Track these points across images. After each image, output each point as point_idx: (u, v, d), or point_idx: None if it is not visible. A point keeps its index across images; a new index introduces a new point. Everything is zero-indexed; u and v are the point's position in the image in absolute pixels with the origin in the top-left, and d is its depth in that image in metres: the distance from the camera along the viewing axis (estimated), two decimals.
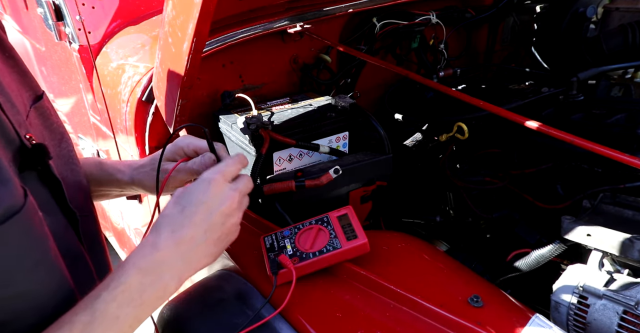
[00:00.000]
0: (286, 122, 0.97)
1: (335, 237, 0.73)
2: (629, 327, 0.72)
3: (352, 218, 0.75)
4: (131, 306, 0.49)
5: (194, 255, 0.56)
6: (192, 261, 0.56)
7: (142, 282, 0.51)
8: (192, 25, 0.60)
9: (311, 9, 1.14)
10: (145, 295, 0.51)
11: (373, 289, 0.71)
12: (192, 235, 0.56)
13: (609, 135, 0.94)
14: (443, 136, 1.18)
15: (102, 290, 0.48)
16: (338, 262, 0.72)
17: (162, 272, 0.53)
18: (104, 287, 0.49)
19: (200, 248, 0.57)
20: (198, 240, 0.56)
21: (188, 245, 0.55)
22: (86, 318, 0.46)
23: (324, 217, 0.77)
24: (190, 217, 0.56)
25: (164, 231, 0.55)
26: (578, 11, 1.30)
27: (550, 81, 1.26)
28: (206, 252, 0.58)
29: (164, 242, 0.54)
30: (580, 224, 0.81)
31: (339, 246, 0.71)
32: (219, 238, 0.59)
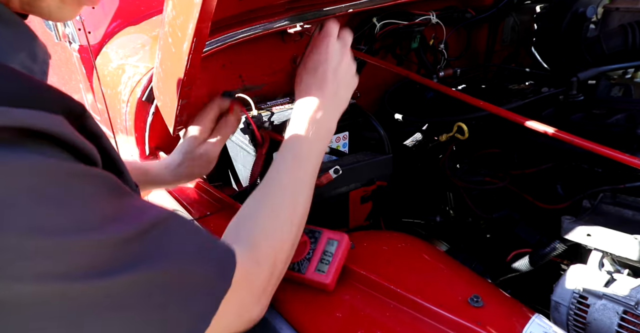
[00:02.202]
0: (286, 122, 0.98)
1: (308, 260, 0.69)
2: (629, 327, 0.72)
3: (338, 249, 0.69)
4: (315, 142, 0.67)
5: (338, 101, 0.72)
6: (339, 106, 0.72)
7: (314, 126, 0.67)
8: (192, 26, 0.60)
9: (311, 9, 1.14)
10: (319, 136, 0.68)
11: (373, 289, 0.71)
12: (331, 88, 0.70)
13: (609, 135, 0.94)
14: (443, 136, 1.18)
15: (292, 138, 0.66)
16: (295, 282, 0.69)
17: (322, 120, 0.68)
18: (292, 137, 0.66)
19: (339, 97, 0.72)
20: (336, 91, 0.71)
21: (332, 95, 0.70)
22: (291, 154, 0.64)
23: (317, 232, 0.72)
24: (323, 75, 0.70)
25: (313, 87, 0.70)
26: (578, 11, 1.30)
27: (550, 81, 1.26)
28: (343, 98, 0.73)
29: (318, 98, 0.69)
30: (580, 224, 0.81)
31: (302, 271, 0.68)
32: (347, 87, 0.74)
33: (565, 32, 1.32)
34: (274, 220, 0.59)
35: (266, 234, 0.58)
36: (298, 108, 0.70)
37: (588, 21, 1.31)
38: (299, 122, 0.68)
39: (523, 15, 1.56)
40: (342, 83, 0.73)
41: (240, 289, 0.49)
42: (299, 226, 0.63)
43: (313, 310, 0.67)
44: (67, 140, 0.36)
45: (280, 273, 0.59)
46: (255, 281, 0.53)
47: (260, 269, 0.54)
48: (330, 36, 0.73)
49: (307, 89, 0.71)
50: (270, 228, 0.59)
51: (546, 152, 1.05)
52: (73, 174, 0.35)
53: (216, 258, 0.47)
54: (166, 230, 0.42)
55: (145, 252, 0.39)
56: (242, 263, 0.49)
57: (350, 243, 0.72)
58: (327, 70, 0.71)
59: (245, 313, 0.52)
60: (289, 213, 0.61)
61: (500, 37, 1.63)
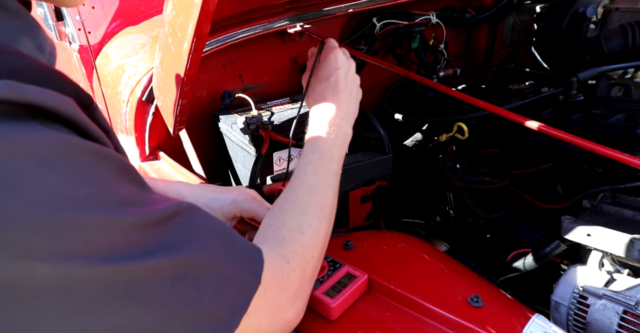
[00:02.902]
0: (286, 122, 0.97)
1: (320, 282, 0.68)
2: (629, 327, 0.72)
3: (353, 284, 0.67)
4: (336, 145, 0.68)
5: (351, 107, 0.74)
6: (353, 112, 0.74)
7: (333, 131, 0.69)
8: (192, 26, 0.60)
9: (311, 9, 1.14)
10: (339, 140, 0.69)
11: (373, 289, 0.71)
12: (345, 94, 0.73)
13: (608, 135, 0.94)
14: (443, 136, 1.18)
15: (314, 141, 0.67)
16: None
17: (340, 125, 0.70)
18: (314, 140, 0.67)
19: (351, 103, 0.74)
20: (349, 98, 0.73)
21: (346, 101, 0.72)
22: (315, 155, 0.65)
23: (339, 264, 0.71)
24: (336, 84, 0.73)
25: (328, 95, 0.72)
26: (578, 11, 1.30)
27: (550, 81, 1.26)
28: (354, 106, 0.75)
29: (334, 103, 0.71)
30: (580, 224, 0.81)
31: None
32: (357, 95, 0.77)
33: (565, 32, 1.33)
34: (301, 218, 0.58)
35: (293, 232, 0.56)
36: (316, 114, 0.71)
37: (588, 21, 1.31)
38: (319, 126, 0.69)
39: (523, 15, 1.56)
40: (354, 90, 0.76)
41: (271, 288, 0.47)
42: (328, 223, 0.62)
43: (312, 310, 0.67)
44: (78, 122, 0.33)
45: (313, 272, 0.57)
46: (287, 279, 0.51)
47: (290, 267, 0.52)
48: (336, 48, 0.77)
49: (321, 96, 0.73)
50: (298, 226, 0.57)
51: (546, 152, 1.05)
52: (88, 151, 0.33)
53: (243, 253, 0.45)
54: (189, 220, 0.40)
55: (168, 239, 0.36)
56: (270, 261, 0.48)
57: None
58: (340, 78, 0.73)
59: (278, 314, 0.49)
60: (317, 210, 0.60)
61: (500, 37, 1.63)
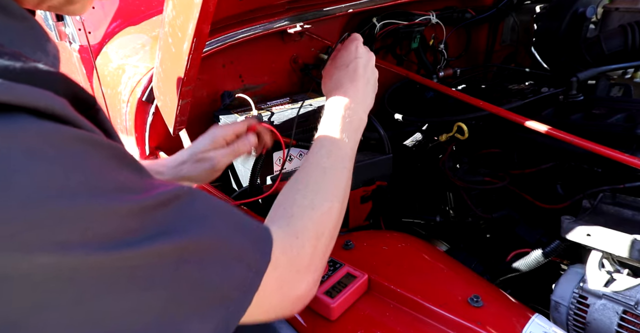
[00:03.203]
0: (286, 122, 0.98)
1: (321, 282, 0.67)
2: (628, 327, 0.72)
3: (353, 284, 0.68)
4: (350, 130, 0.69)
5: (367, 96, 0.75)
6: (369, 100, 0.75)
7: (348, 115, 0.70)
8: (192, 26, 0.60)
9: (311, 9, 1.14)
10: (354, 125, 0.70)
11: (373, 289, 0.71)
12: (362, 82, 0.74)
13: (608, 135, 0.94)
14: (443, 136, 1.18)
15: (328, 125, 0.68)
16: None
17: (356, 110, 0.71)
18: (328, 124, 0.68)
19: (368, 92, 0.75)
20: (366, 86, 0.74)
21: (363, 88, 0.73)
22: (329, 139, 0.66)
23: (339, 264, 0.72)
24: (354, 71, 0.74)
25: (345, 81, 0.73)
26: (578, 11, 1.30)
27: (550, 81, 1.26)
28: (371, 96, 0.76)
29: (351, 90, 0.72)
30: (580, 224, 0.81)
31: None
32: (374, 87, 0.77)
33: (565, 32, 1.33)
34: (313, 196, 0.58)
35: (304, 208, 0.56)
36: (332, 99, 0.72)
37: (588, 21, 1.31)
38: (334, 111, 0.70)
39: (523, 16, 1.56)
40: (371, 80, 0.76)
41: (281, 264, 0.47)
42: (342, 204, 0.62)
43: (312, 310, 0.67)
44: (71, 120, 0.33)
45: (325, 249, 0.57)
46: (296, 256, 0.50)
47: (299, 242, 0.52)
48: (358, 40, 0.79)
49: (338, 83, 0.74)
50: (309, 203, 0.57)
51: (546, 152, 1.05)
52: (79, 138, 0.33)
53: (250, 232, 0.44)
54: (190, 202, 0.39)
55: (170, 223, 0.36)
56: (279, 238, 0.48)
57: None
58: (358, 66, 0.74)
59: (289, 290, 0.49)
60: (330, 190, 0.60)
61: (500, 37, 1.63)
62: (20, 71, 0.31)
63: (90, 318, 0.32)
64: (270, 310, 0.49)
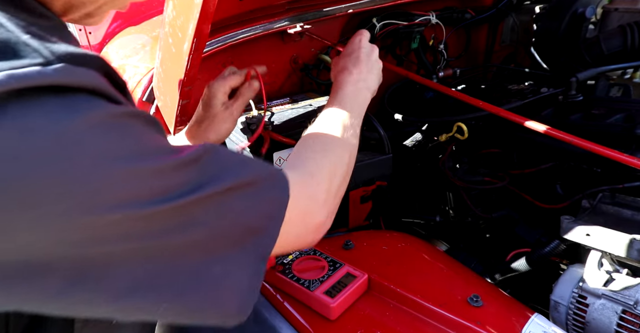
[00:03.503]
0: (286, 122, 0.98)
1: (320, 282, 0.68)
2: (628, 327, 0.72)
3: (353, 284, 0.69)
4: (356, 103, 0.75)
5: (371, 78, 0.81)
6: (372, 82, 0.81)
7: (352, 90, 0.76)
8: (193, 26, 0.60)
9: (311, 10, 1.14)
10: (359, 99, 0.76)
11: (373, 289, 0.71)
12: (365, 66, 0.80)
13: (607, 135, 0.94)
14: (443, 136, 1.19)
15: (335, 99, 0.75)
16: (297, 299, 0.69)
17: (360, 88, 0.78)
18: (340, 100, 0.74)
19: (371, 76, 0.81)
20: (370, 70, 0.81)
21: (366, 71, 0.80)
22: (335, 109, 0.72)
23: (339, 264, 0.72)
24: (358, 57, 0.81)
25: (349, 65, 0.80)
26: (577, 12, 1.30)
27: (550, 81, 1.26)
28: (375, 80, 0.82)
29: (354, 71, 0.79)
30: (579, 224, 0.82)
31: (312, 289, 0.67)
32: (378, 75, 0.83)
33: (565, 33, 1.33)
34: (324, 146, 0.64)
35: (316, 153, 0.63)
36: (337, 80, 0.79)
37: (587, 21, 1.32)
38: (339, 86, 0.77)
39: (522, 16, 1.56)
40: (375, 67, 0.83)
41: (301, 197, 0.53)
42: (350, 156, 0.67)
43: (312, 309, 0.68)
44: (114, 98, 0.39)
45: (338, 189, 0.62)
46: (314, 191, 0.57)
47: (315, 180, 0.58)
48: (363, 34, 0.86)
49: (343, 67, 0.81)
50: (321, 149, 0.64)
51: (545, 152, 1.05)
52: (126, 113, 0.38)
53: (268, 173, 0.50)
54: (217, 155, 0.45)
55: (207, 173, 0.43)
56: (296, 176, 0.54)
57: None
58: (361, 54, 0.82)
59: (310, 220, 0.56)
60: (339, 143, 0.66)
61: (499, 38, 1.64)
62: (77, 55, 0.37)
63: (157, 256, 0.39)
64: (296, 240, 0.55)
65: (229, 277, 0.44)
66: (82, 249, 0.35)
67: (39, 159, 0.32)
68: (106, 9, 0.52)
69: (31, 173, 0.31)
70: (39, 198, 0.32)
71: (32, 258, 0.33)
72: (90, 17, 0.51)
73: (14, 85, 0.31)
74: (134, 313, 0.40)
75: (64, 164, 0.33)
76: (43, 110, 0.33)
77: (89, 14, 0.50)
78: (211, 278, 0.43)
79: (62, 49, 0.36)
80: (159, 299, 0.40)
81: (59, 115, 0.33)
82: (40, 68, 0.33)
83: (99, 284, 0.36)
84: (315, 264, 0.73)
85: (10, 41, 0.34)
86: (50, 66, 0.34)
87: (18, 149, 0.31)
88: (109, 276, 0.37)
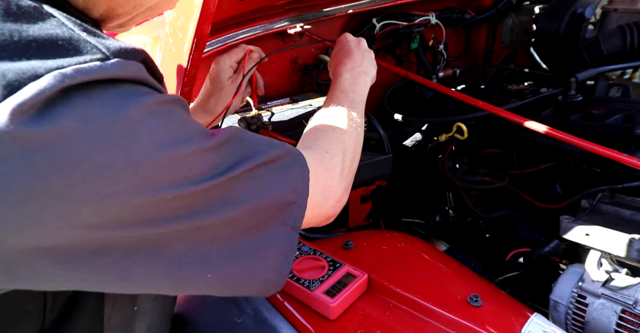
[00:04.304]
0: (286, 122, 0.98)
1: (320, 281, 0.68)
2: (627, 326, 0.72)
3: (353, 284, 0.68)
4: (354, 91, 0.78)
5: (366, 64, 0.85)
6: (368, 68, 0.85)
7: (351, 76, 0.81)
8: (193, 26, 0.60)
9: (311, 10, 1.14)
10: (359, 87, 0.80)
11: (372, 288, 0.71)
12: (358, 54, 0.85)
13: (607, 135, 0.95)
14: (442, 136, 1.19)
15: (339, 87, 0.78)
16: (297, 299, 0.69)
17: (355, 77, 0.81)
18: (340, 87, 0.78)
19: (365, 63, 0.85)
20: (363, 58, 0.85)
21: (360, 59, 0.85)
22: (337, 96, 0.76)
23: (339, 263, 0.72)
24: (348, 50, 0.86)
25: (343, 58, 0.84)
26: (576, 12, 1.31)
27: (549, 81, 1.26)
28: (370, 66, 0.86)
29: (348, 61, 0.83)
30: (578, 224, 0.82)
31: (311, 289, 0.67)
32: (371, 60, 0.88)
33: (564, 33, 1.33)
34: (331, 125, 0.68)
35: (326, 132, 0.66)
36: (335, 72, 0.83)
37: (586, 22, 1.32)
38: (338, 76, 0.81)
39: (522, 16, 1.56)
40: (367, 55, 0.87)
41: (319, 172, 0.58)
42: (357, 129, 0.71)
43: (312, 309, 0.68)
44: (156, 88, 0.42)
45: (351, 162, 0.66)
46: (330, 164, 0.61)
47: (330, 155, 0.62)
48: (346, 34, 0.92)
49: (337, 62, 0.85)
50: (330, 127, 0.67)
51: (545, 152, 1.05)
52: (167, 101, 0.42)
53: (286, 151, 0.53)
54: (241, 137, 0.48)
55: (238, 153, 0.46)
56: (312, 153, 0.58)
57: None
58: (351, 46, 0.87)
59: (330, 193, 0.60)
60: (344, 120, 0.70)
61: (499, 38, 1.64)
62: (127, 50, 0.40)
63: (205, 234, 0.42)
64: (318, 213, 0.58)
65: (268, 249, 0.48)
66: (137, 229, 0.37)
67: (99, 144, 0.35)
68: (138, 20, 0.55)
69: (93, 157, 0.34)
70: (98, 181, 0.34)
71: (93, 240, 0.36)
72: (122, 27, 0.55)
73: (79, 79, 0.34)
74: (183, 285, 0.43)
75: (121, 149, 0.35)
76: (103, 101, 0.36)
77: (122, 24, 0.54)
78: (252, 250, 0.46)
79: (115, 45, 0.39)
80: (203, 271, 0.43)
81: (116, 105, 0.36)
82: (101, 63, 0.36)
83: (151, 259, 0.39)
84: (315, 264, 0.73)
85: (73, 39, 0.37)
86: (109, 61, 0.37)
87: (81, 136, 0.34)
88: (158, 251, 0.40)
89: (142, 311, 0.56)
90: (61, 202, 0.33)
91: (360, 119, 0.73)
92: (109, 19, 0.51)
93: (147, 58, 0.44)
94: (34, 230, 0.33)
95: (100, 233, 0.36)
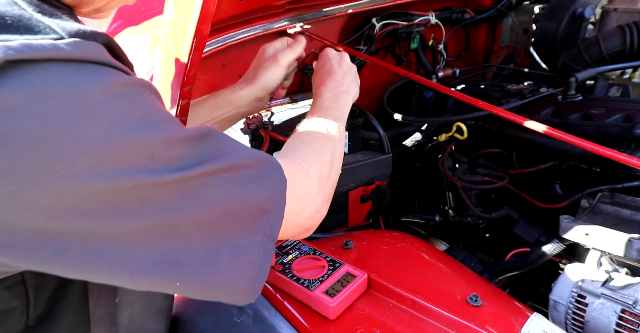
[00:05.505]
0: (286, 122, 0.98)
1: (320, 281, 0.69)
2: (627, 326, 0.72)
3: (353, 284, 0.69)
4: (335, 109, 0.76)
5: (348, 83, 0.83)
6: (350, 87, 0.83)
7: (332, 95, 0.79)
8: (193, 26, 0.60)
9: (311, 10, 1.14)
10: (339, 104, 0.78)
11: (372, 288, 0.71)
12: (340, 73, 0.84)
13: (607, 136, 0.95)
14: (442, 136, 1.19)
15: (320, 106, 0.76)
16: (297, 299, 0.69)
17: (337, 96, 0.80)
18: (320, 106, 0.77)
19: (347, 82, 0.83)
20: (345, 76, 0.84)
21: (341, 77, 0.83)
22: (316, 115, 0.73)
23: (340, 264, 0.72)
24: (330, 69, 0.85)
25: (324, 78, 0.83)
26: (576, 12, 1.31)
27: (549, 81, 1.26)
28: (352, 84, 0.84)
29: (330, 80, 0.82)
30: (578, 224, 0.82)
31: (311, 289, 0.67)
32: (354, 78, 0.86)
33: (564, 33, 1.33)
34: (311, 138, 0.67)
35: (305, 143, 0.65)
36: (318, 91, 0.82)
37: (586, 22, 1.32)
38: (320, 95, 0.80)
39: (522, 16, 1.56)
40: (349, 73, 0.85)
41: (297, 180, 0.56)
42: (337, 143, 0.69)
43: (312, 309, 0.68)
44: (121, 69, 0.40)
45: (329, 174, 0.64)
46: (307, 173, 0.59)
47: (307, 164, 0.60)
48: (328, 50, 0.90)
49: (319, 83, 0.84)
50: (308, 140, 0.67)
51: (545, 152, 1.05)
52: (134, 83, 0.39)
53: (263, 158, 0.51)
54: (218, 137, 0.47)
55: (209, 150, 0.44)
56: (290, 163, 0.57)
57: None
58: (333, 64, 0.86)
59: (309, 202, 0.58)
60: (322, 134, 0.69)
61: (499, 38, 1.64)
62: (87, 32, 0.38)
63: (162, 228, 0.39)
64: (296, 222, 0.56)
65: (240, 257, 0.45)
66: (97, 220, 0.35)
67: (53, 121, 0.33)
68: (115, 5, 0.53)
69: (44, 134, 0.32)
70: (50, 160, 0.33)
71: (51, 226, 0.34)
72: (100, 12, 0.53)
73: (27, 55, 0.32)
74: (150, 287, 0.41)
75: (78, 128, 0.34)
76: (60, 77, 0.34)
77: (98, 9, 0.52)
78: (223, 258, 0.44)
79: (73, 27, 0.37)
80: (173, 277, 0.41)
81: (76, 82, 0.35)
82: (54, 42, 0.34)
83: (116, 258, 0.37)
84: (315, 264, 0.73)
85: (24, 17, 0.35)
86: (63, 40, 0.35)
87: (32, 111, 0.32)
88: (125, 251, 0.37)
89: (124, 302, 0.55)
90: (9, 178, 0.32)
91: (340, 136, 0.72)
92: (84, 4, 0.49)
93: (111, 42, 0.42)
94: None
95: (56, 222, 0.34)
